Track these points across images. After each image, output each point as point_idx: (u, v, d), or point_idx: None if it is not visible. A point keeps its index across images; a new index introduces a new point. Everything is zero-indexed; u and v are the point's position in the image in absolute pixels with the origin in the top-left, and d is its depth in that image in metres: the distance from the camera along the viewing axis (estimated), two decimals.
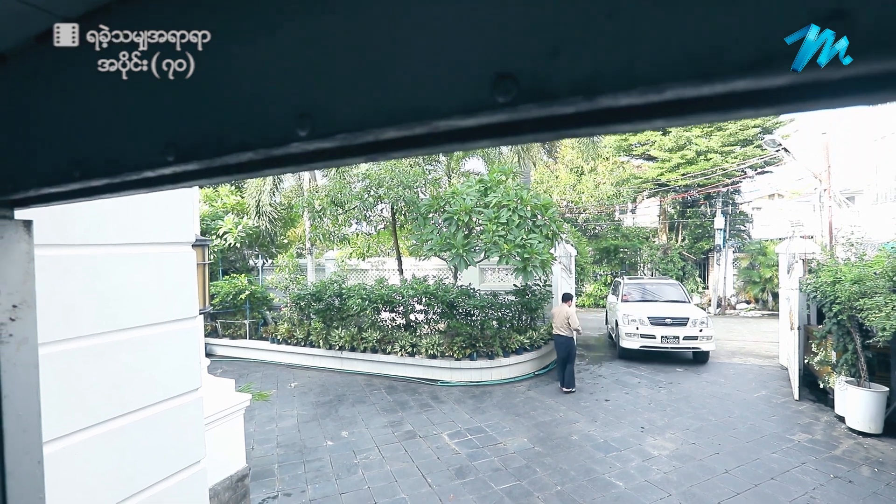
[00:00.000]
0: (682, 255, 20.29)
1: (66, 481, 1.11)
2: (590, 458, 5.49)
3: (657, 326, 9.51)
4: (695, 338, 9.33)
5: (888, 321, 4.80)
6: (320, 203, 10.06)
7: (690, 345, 9.39)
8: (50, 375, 1.13)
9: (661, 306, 10.34)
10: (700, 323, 9.47)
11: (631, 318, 9.79)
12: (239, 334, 11.46)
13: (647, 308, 10.13)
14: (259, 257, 14.54)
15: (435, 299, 8.78)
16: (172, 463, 1.39)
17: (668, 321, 9.54)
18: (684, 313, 9.71)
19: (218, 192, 13.88)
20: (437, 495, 4.74)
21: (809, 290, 7.11)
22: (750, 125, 19.02)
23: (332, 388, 8.54)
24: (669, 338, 9.34)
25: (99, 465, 1.18)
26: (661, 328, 9.49)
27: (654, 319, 9.62)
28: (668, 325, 9.49)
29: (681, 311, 9.91)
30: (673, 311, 9.90)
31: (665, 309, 10.05)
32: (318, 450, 5.91)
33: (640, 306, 10.34)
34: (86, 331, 1.21)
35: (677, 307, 10.28)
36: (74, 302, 1.19)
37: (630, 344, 9.64)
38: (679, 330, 9.40)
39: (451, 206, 8.67)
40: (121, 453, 1.26)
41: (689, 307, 10.37)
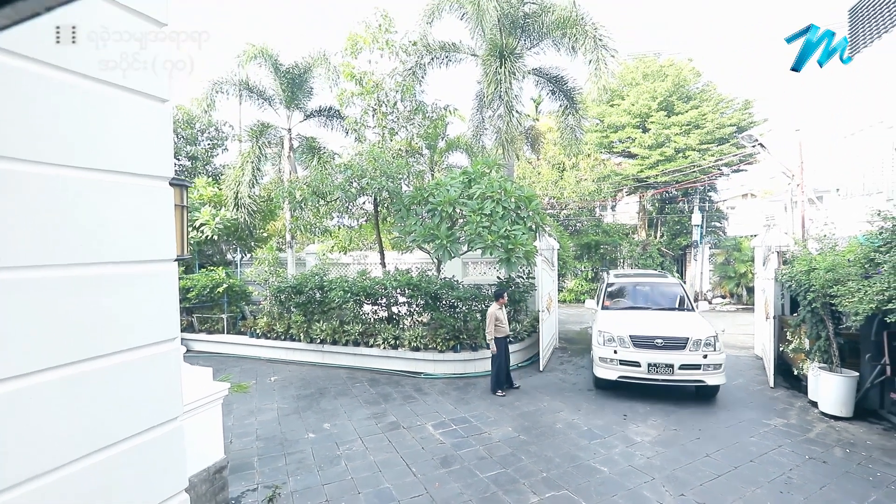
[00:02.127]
0: (661, 251, 20.68)
1: (16, 428, 0.99)
2: (574, 446, 5.50)
3: (643, 350, 6.87)
4: (696, 366, 6.61)
5: (861, 305, 4.95)
6: (301, 193, 9.85)
7: (690, 376, 6.68)
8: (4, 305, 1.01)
9: (650, 318, 7.70)
10: (704, 345, 6.69)
11: (607, 337, 7.14)
12: (216, 329, 11.15)
13: (630, 321, 7.52)
14: (237, 251, 14.19)
15: (418, 291, 8.70)
16: (144, 418, 1.27)
17: (659, 342, 6.83)
18: (682, 330, 6.99)
19: (194, 184, 13.47)
20: (422, 484, 4.68)
21: (785, 279, 7.30)
22: (726, 124, 19.50)
23: (313, 382, 8.38)
24: (660, 367, 6.72)
25: (57, 414, 1.06)
26: (649, 352, 6.83)
27: (640, 340, 6.95)
28: (659, 349, 6.82)
29: (678, 325, 7.22)
30: (667, 325, 7.24)
31: (656, 323, 7.40)
32: (299, 442, 5.77)
33: (623, 318, 7.75)
34: (48, 259, 1.09)
35: (674, 319, 7.59)
36: (38, 225, 1.07)
37: (605, 373, 7.08)
38: (674, 355, 6.72)
39: (434, 197, 8.59)
40: (84, 403, 1.14)
41: (689, 319, 7.59)
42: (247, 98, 13.72)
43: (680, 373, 6.68)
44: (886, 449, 5.34)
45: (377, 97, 11.52)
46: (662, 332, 7.02)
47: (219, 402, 4.29)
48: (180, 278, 11.00)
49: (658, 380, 6.77)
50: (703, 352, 6.67)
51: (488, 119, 11.84)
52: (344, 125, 13.67)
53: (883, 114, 8.53)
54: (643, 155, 19.99)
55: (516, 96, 10.51)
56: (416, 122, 12.06)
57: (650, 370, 6.77)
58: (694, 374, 6.68)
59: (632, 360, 6.91)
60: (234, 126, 19.22)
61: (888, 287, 4.63)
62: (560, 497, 4.39)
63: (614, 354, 7.05)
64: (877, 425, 6.04)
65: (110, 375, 1.17)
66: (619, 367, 6.99)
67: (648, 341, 6.92)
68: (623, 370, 6.97)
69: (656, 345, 6.86)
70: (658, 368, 6.75)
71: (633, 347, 6.95)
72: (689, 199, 21.44)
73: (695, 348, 6.73)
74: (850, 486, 4.50)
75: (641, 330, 7.12)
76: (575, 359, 9.84)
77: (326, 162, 11.90)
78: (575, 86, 12.51)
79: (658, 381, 6.79)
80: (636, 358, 6.88)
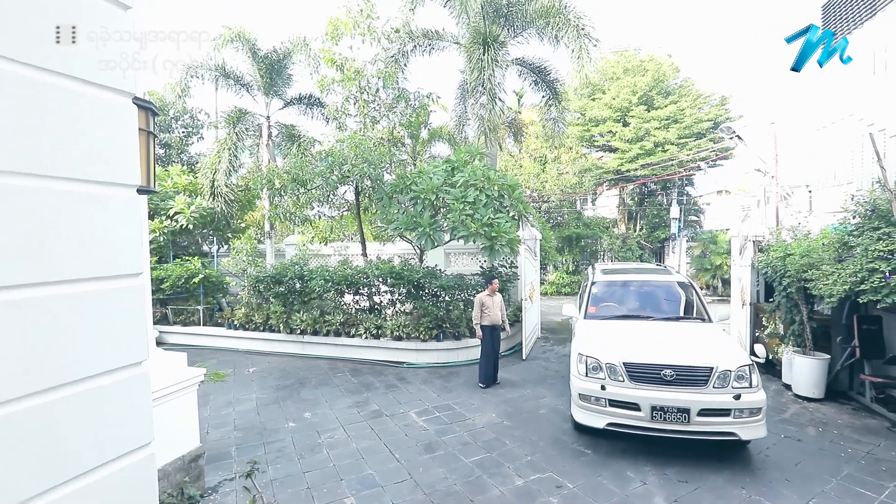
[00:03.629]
0: (640, 243, 21.04)
1: None
2: (558, 430, 5.51)
3: (644, 386, 4.59)
4: (725, 412, 4.40)
5: (835, 287, 5.09)
6: (280, 181, 9.60)
7: (714, 427, 4.43)
8: None
9: (653, 334, 5.40)
10: (736, 378, 4.47)
11: (591, 364, 4.88)
12: (192, 321, 10.82)
13: (624, 339, 5.27)
14: (214, 243, 13.79)
15: (401, 279, 8.59)
16: (110, 448, 1.12)
17: (668, 374, 4.55)
18: (701, 354, 4.74)
19: (168, 172, 13.01)
20: (405, 470, 4.61)
21: (761, 266, 7.46)
22: (704, 119, 19.90)
23: (293, 372, 8.21)
24: (670, 412, 4.44)
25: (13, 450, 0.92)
26: (653, 389, 4.56)
27: (639, 370, 4.67)
28: (669, 384, 4.54)
29: (694, 346, 5.01)
30: (678, 346, 4.99)
31: (662, 341, 5.14)
32: (279, 431, 5.64)
33: (613, 334, 5.49)
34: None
35: (687, 336, 5.34)
36: None
37: (587, 417, 4.87)
38: (691, 394, 4.46)
39: (417, 185, 8.49)
40: (43, 437, 0.99)
41: (709, 335, 5.36)
42: (223, 85, 13.28)
43: (699, 421, 4.38)
44: (856, 427, 5.52)
45: (359, 84, 11.31)
46: (672, 357, 4.68)
47: (194, 389, 4.14)
48: (153, 269, 10.62)
49: (666, 431, 4.47)
50: (735, 389, 4.39)
51: (471, 109, 11.76)
52: (324, 113, 13.41)
53: (854, 106, 8.79)
54: (623, 148, 20.25)
55: (499, 84, 10.45)
56: (399, 111, 11.90)
57: (654, 416, 4.44)
58: (720, 423, 4.37)
59: (627, 401, 4.58)
60: (211, 114, 18.68)
61: (860, 269, 4.76)
62: (545, 479, 4.39)
63: (601, 392, 4.69)
64: (846, 405, 6.24)
65: (70, 406, 1.02)
66: (607, 411, 4.68)
67: (652, 372, 4.59)
68: (614, 415, 4.65)
69: (664, 378, 4.52)
70: (666, 414, 4.42)
71: (628, 381, 4.61)
72: (668, 193, 21.86)
73: (722, 384, 4.43)
74: (824, 462, 4.63)
75: (641, 354, 4.81)
76: (557, 347, 9.90)
77: (306, 149, 11.62)
78: (557, 77, 12.53)
79: (667, 434, 4.49)
80: (634, 397, 4.55)
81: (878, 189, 5.37)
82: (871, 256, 4.72)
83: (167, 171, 13.32)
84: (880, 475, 4.38)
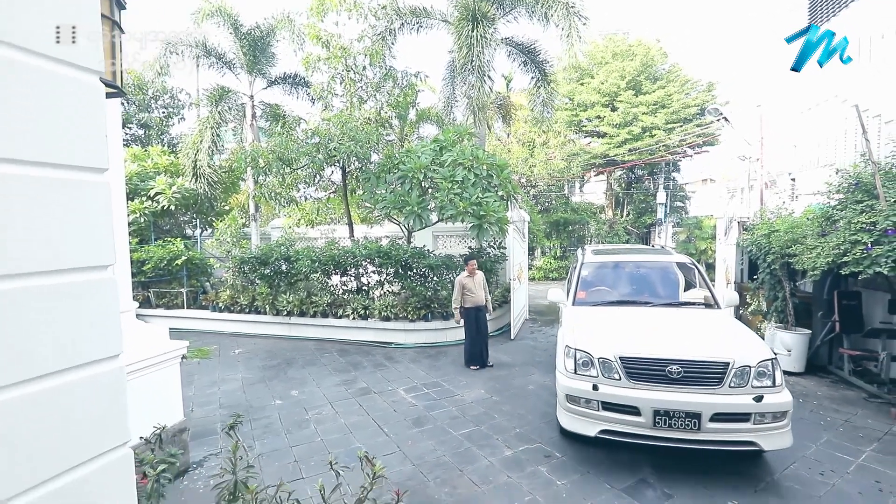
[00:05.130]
0: (627, 228, 21.20)
1: None
2: (546, 404, 5.54)
3: (646, 385, 3.87)
4: (743, 417, 3.66)
5: (818, 260, 5.16)
6: (265, 159, 9.38)
7: (730, 435, 3.68)
8: None
9: (653, 323, 4.67)
10: (757, 375, 3.74)
11: (581, 359, 4.14)
12: (175, 304, 10.62)
13: (620, 329, 4.56)
14: (197, 226, 13.51)
15: (389, 259, 8.51)
16: (84, 448, 1.03)
17: (675, 370, 3.81)
18: (714, 347, 4.02)
19: (148, 152, 12.65)
20: (394, 443, 4.60)
21: (746, 244, 7.56)
22: (691, 104, 20.00)
23: (279, 353, 8.12)
24: (676, 417, 3.71)
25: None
26: (656, 388, 3.83)
27: (639, 366, 3.94)
28: (675, 382, 3.81)
29: (703, 337, 4.33)
30: (684, 337, 4.30)
31: (664, 331, 4.44)
32: (265, 409, 5.57)
33: (607, 322, 4.77)
34: None
35: (694, 325, 4.61)
36: None
37: (576, 424, 4.10)
38: (702, 395, 3.73)
39: (405, 164, 8.37)
40: (9, 438, 0.90)
41: (720, 325, 4.64)
42: (205, 63, 12.87)
43: (712, 428, 3.65)
44: (834, 398, 5.66)
45: (345, 62, 11.06)
46: (679, 350, 3.95)
47: (176, 362, 4.05)
48: (134, 250, 10.37)
49: (672, 440, 3.75)
50: (756, 389, 3.69)
51: (460, 89, 11.60)
52: (310, 93, 13.12)
53: (838, 88, 8.87)
54: (612, 133, 20.28)
55: (488, 62, 10.31)
56: (386, 91, 11.69)
57: (658, 423, 3.73)
58: (738, 430, 3.65)
59: (624, 404, 3.85)
60: (192, 94, 18.14)
61: (843, 241, 4.84)
62: (533, 449, 4.41)
63: (592, 393, 3.94)
64: (825, 378, 6.39)
65: (36, 404, 0.94)
66: (600, 415, 3.93)
67: (655, 368, 3.87)
68: (608, 420, 3.90)
69: (669, 375, 3.80)
70: (672, 420, 3.70)
71: (626, 380, 3.89)
72: (655, 179, 22.02)
73: (740, 382, 3.72)
74: (805, 430, 4.73)
75: (641, 346, 4.06)
76: (545, 328, 9.96)
77: (292, 128, 11.37)
78: (547, 58, 12.41)
79: (672, 443, 3.76)
80: (632, 399, 3.82)
81: (861, 164, 5.44)
82: (853, 229, 4.79)
83: (147, 151, 12.95)
84: (857, 441, 4.50)
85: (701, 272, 5.77)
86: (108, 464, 1.08)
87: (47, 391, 0.97)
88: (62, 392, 0.99)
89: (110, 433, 1.09)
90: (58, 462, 0.98)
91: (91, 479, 1.04)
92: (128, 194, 10.99)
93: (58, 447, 0.98)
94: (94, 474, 1.05)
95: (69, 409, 1.01)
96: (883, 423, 4.89)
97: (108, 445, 1.08)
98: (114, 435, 1.10)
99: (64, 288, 1.00)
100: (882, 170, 4.96)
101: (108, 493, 1.08)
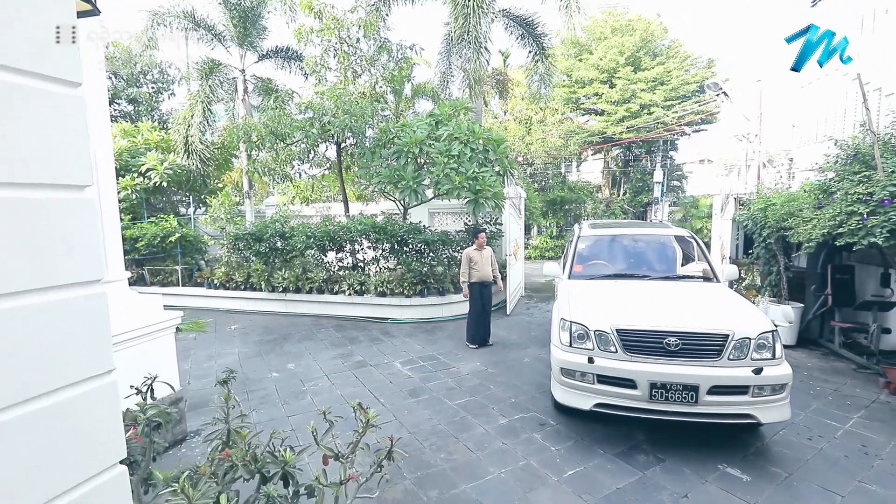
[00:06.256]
0: (624, 207, 21.18)
1: None
2: (541, 375, 5.60)
3: (643, 357, 3.80)
4: (744, 389, 3.61)
5: (814, 231, 5.17)
6: (258, 134, 9.22)
7: (728, 408, 3.64)
8: None
9: (650, 295, 4.59)
10: (757, 347, 3.69)
11: (576, 332, 4.09)
12: (170, 281, 10.57)
13: (617, 301, 4.48)
14: (190, 204, 13.36)
15: (384, 234, 8.46)
16: (78, 469, 0.98)
17: (672, 342, 3.74)
18: (713, 319, 3.95)
19: (138, 128, 12.40)
20: (390, 412, 4.64)
21: (742, 219, 7.55)
22: (690, 81, 19.74)
23: (276, 329, 8.13)
24: (673, 389, 3.66)
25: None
26: (653, 361, 3.77)
27: (635, 337, 3.87)
28: (672, 355, 3.74)
29: (702, 309, 4.23)
30: (682, 309, 4.21)
31: (661, 304, 4.35)
32: (262, 381, 5.60)
33: (603, 295, 4.67)
34: None
35: (692, 298, 4.54)
36: None
37: (571, 398, 4.07)
38: (700, 367, 3.68)
39: (400, 138, 8.25)
40: None
41: (720, 297, 4.52)
42: (194, 35, 12.52)
43: (710, 401, 3.62)
44: (824, 369, 5.75)
45: (338, 34, 10.78)
46: (677, 322, 3.88)
47: (171, 332, 4.04)
48: (127, 227, 10.26)
49: (668, 413, 3.70)
50: (755, 361, 3.64)
51: (456, 63, 11.37)
52: (303, 67, 12.84)
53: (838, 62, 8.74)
54: (610, 110, 20.05)
55: (485, 34, 10.06)
56: (381, 64, 11.44)
57: (654, 396, 3.69)
58: (736, 403, 3.62)
59: (620, 377, 3.80)
60: (182, 69, 17.72)
61: (840, 212, 4.83)
62: (528, 418, 4.47)
63: (588, 366, 3.91)
64: (816, 351, 6.48)
65: (16, 429, 0.90)
66: (595, 388, 3.90)
67: (652, 341, 3.80)
68: (603, 394, 3.87)
69: (667, 348, 3.74)
70: (669, 393, 3.66)
71: (622, 352, 3.84)
72: (652, 157, 21.89)
73: (739, 354, 3.67)
74: (795, 399, 4.77)
75: (638, 318, 4.00)
76: (541, 304, 10.01)
77: (284, 101, 11.14)
78: (545, 31, 12.14)
79: (668, 417, 3.71)
80: (629, 372, 3.77)
81: (860, 135, 5.40)
82: (850, 200, 4.78)
83: (137, 126, 12.70)
84: (846, 408, 4.59)
85: (700, 245, 5.68)
86: (103, 483, 1.03)
87: (39, 411, 0.92)
88: (54, 411, 0.95)
89: (105, 452, 1.05)
90: (52, 485, 0.93)
91: (89, 499, 1.00)
92: (118, 171, 10.83)
93: (52, 469, 0.94)
94: (89, 494, 1.00)
95: (62, 428, 0.96)
96: (871, 392, 4.98)
97: (102, 465, 1.03)
98: (109, 454, 1.05)
99: (52, 305, 0.94)
100: (881, 140, 4.92)
101: None
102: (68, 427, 0.96)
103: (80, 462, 0.98)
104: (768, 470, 3.53)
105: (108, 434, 1.04)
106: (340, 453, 2.08)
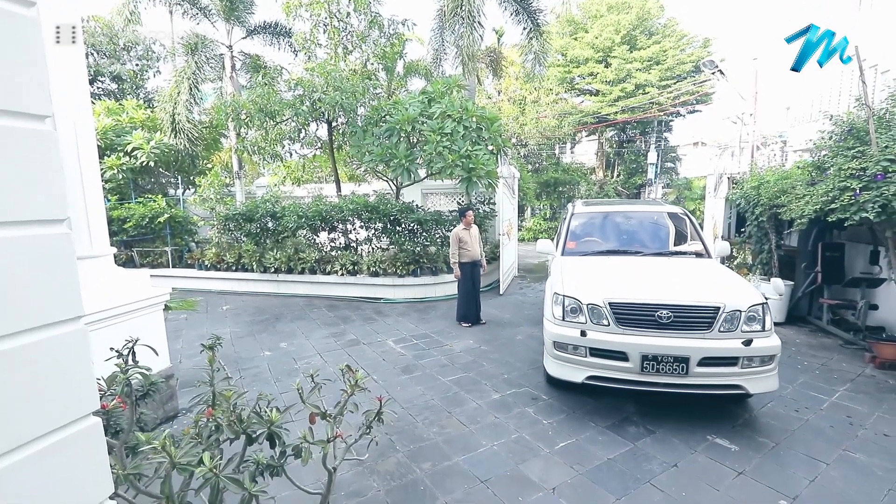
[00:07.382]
0: (617, 189, 21.16)
1: None
2: (534, 352, 5.62)
3: (634, 330, 3.83)
4: (732, 360, 3.66)
5: (807, 207, 5.17)
6: (247, 111, 9.01)
7: (718, 379, 3.69)
8: None
9: (643, 271, 4.61)
10: (747, 319, 3.72)
11: (569, 305, 4.10)
12: (160, 263, 10.45)
13: (609, 276, 4.48)
14: (178, 186, 13.10)
15: (377, 213, 8.38)
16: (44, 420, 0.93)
17: (664, 315, 3.77)
18: (704, 292, 3.95)
19: (123, 106, 12.08)
20: (384, 389, 4.65)
21: (735, 197, 7.56)
22: (686, 61, 19.53)
23: (268, 309, 8.09)
24: (664, 361, 3.70)
25: None
26: (644, 333, 3.80)
27: (627, 310, 3.89)
28: (664, 327, 3.78)
29: (694, 283, 4.23)
30: (674, 283, 4.20)
31: (654, 279, 4.37)
32: (254, 359, 5.59)
33: (596, 270, 4.67)
34: None
35: (684, 273, 4.53)
36: None
37: (563, 370, 4.12)
38: (691, 339, 3.71)
39: (392, 116, 8.10)
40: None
41: (711, 272, 4.55)
42: (179, 9, 12.11)
43: (700, 373, 3.66)
44: (812, 345, 5.83)
45: (328, 8, 10.47)
46: (669, 295, 3.90)
47: (159, 308, 3.98)
48: (114, 208, 10.08)
49: (659, 384, 3.76)
50: (745, 333, 3.68)
51: (449, 40, 11.12)
52: (292, 43, 12.51)
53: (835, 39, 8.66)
54: (604, 91, 19.85)
55: (479, 8, 9.83)
56: (372, 40, 11.16)
57: (646, 368, 3.73)
58: (725, 374, 3.67)
59: (612, 350, 3.83)
60: (167, 46, 17.20)
61: (832, 188, 4.83)
62: (521, 393, 4.50)
63: (580, 339, 3.93)
64: (804, 328, 6.58)
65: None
66: (587, 361, 3.93)
67: (644, 314, 3.83)
68: (595, 366, 3.91)
69: (659, 320, 3.77)
70: (660, 365, 3.70)
71: (615, 325, 3.86)
72: (646, 139, 21.80)
73: (730, 327, 3.70)
74: (782, 373, 4.83)
75: (630, 292, 4.00)
76: (534, 284, 10.04)
77: (273, 77, 10.87)
78: (540, 6, 11.87)
79: (658, 388, 3.78)
80: (621, 344, 3.79)
81: (855, 111, 5.37)
82: (843, 176, 4.77)
83: (122, 105, 12.36)
84: (832, 382, 4.67)
85: (693, 222, 5.72)
86: (76, 433, 0.99)
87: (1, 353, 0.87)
88: (18, 356, 0.90)
89: (77, 401, 1.00)
90: (19, 431, 0.89)
91: (59, 450, 0.96)
92: (103, 150, 10.56)
93: (20, 415, 0.89)
94: (61, 444, 0.96)
95: (28, 373, 0.92)
96: (857, 367, 5.07)
97: (74, 415, 0.99)
98: (82, 404, 1.01)
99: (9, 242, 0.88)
100: (876, 115, 4.89)
101: (78, 463, 1.01)
102: (35, 372, 0.92)
103: (50, 410, 0.94)
104: (756, 440, 3.58)
105: (79, 383, 1.00)
106: (327, 412, 2.07)
